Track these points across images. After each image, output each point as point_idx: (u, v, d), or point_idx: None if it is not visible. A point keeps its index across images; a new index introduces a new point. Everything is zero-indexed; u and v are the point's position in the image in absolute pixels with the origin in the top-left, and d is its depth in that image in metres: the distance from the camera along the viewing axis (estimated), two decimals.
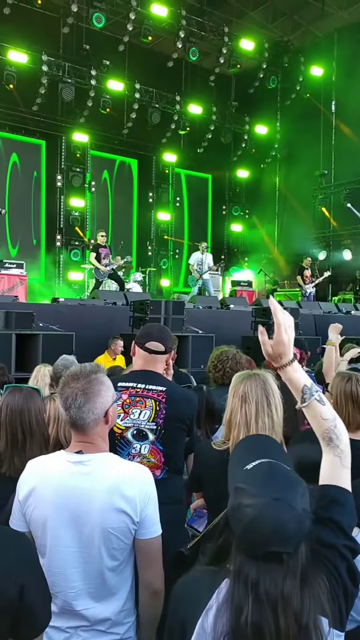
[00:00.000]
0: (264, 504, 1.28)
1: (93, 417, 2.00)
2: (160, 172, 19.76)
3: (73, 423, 2.02)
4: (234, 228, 21.34)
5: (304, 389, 1.63)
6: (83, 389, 1.99)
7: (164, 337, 2.89)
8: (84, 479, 1.98)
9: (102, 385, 2.04)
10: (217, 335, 9.14)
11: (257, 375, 2.37)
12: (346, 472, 1.58)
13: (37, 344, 7.55)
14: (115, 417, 2.12)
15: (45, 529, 1.98)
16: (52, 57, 15.40)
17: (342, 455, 1.59)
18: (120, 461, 2.10)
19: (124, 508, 1.96)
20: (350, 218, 17.84)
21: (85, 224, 17.86)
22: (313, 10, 18.12)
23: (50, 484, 2.00)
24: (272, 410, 2.28)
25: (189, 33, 16.37)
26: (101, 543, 1.96)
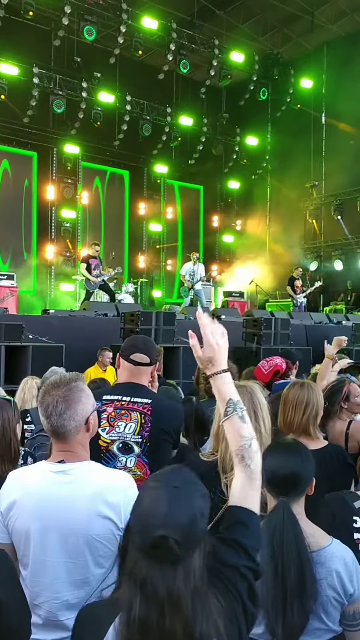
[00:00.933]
0: (164, 489, 1.28)
1: (74, 424, 2.00)
2: (151, 183, 19.83)
3: (54, 431, 2.02)
4: (225, 239, 21.41)
5: (229, 402, 1.64)
6: (64, 396, 2.00)
7: (148, 349, 2.87)
8: (67, 488, 1.98)
9: (82, 393, 2.05)
10: None
11: (245, 388, 2.36)
12: (255, 494, 1.57)
13: (26, 356, 7.51)
14: (96, 425, 2.12)
15: (29, 539, 1.97)
16: (43, 70, 15.46)
17: (252, 476, 1.58)
18: (102, 469, 2.11)
19: (108, 514, 1.95)
20: (341, 229, 17.97)
21: (76, 235, 17.87)
22: (303, 23, 18.32)
23: (33, 495, 1.99)
24: (260, 422, 2.26)
25: (179, 46, 16.48)
26: (86, 551, 1.95)
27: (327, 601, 1.94)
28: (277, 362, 4.35)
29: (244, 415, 1.63)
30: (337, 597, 1.95)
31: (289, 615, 1.87)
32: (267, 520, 1.97)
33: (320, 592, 1.93)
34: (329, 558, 1.98)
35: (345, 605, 1.96)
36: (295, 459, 2.07)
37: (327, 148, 18.69)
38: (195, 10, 17.37)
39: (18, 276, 12.89)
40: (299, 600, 1.89)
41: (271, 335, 9.89)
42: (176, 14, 16.97)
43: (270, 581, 1.89)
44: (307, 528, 2.03)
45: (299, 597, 1.89)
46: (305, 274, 15.84)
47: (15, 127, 16.15)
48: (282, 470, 2.03)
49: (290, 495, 2.02)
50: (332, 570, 1.96)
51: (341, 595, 1.95)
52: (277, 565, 1.90)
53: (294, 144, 18.59)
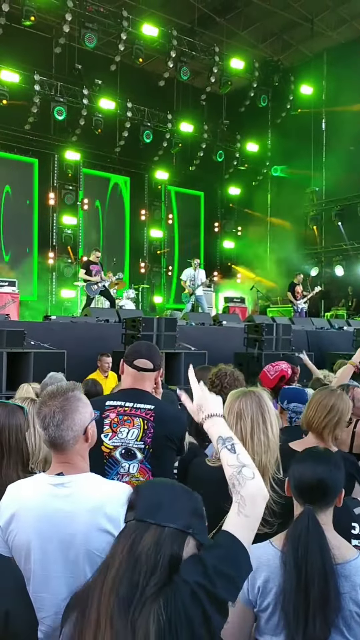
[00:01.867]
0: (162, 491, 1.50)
1: (72, 435, 1.98)
2: (152, 189, 19.88)
3: (52, 442, 1.99)
4: (226, 245, 21.44)
5: (218, 439, 1.73)
6: (61, 406, 1.97)
7: (152, 355, 2.87)
8: (66, 501, 1.95)
9: (80, 402, 2.02)
10: (209, 352, 9.10)
11: (253, 393, 2.37)
12: (243, 520, 1.55)
13: (28, 362, 7.50)
14: (95, 435, 2.09)
15: (29, 554, 1.94)
16: (44, 77, 15.53)
17: (242, 502, 1.57)
18: (102, 481, 2.07)
19: (108, 528, 1.92)
20: (341, 234, 17.99)
21: (78, 242, 17.90)
22: (303, 30, 18.39)
23: (32, 509, 1.96)
24: (268, 427, 2.26)
25: (180, 53, 16.56)
26: (86, 566, 1.92)
27: (349, 616, 1.89)
28: (283, 368, 4.34)
29: (234, 448, 1.69)
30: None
31: (311, 628, 1.83)
32: (291, 527, 1.95)
33: (344, 606, 1.88)
34: (353, 572, 1.93)
35: None
36: (325, 468, 2.03)
37: (327, 154, 18.73)
38: (196, 17, 17.45)
39: (19, 283, 12.91)
40: (321, 613, 1.84)
41: (273, 341, 9.89)
42: (176, 22, 17.05)
43: (292, 590, 1.87)
44: (333, 540, 1.98)
45: (322, 609, 1.84)
46: (306, 279, 15.84)
47: (17, 134, 16.21)
48: (310, 478, 2.00)
49: (316, 504, 1.98)
50: (357, 584, 1.91)
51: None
52: (300, 575, 1.87)
53: (294, 150, 18.66)
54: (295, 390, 3.87)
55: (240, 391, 2.41)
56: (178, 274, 17.36)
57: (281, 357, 4.92)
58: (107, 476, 2.67)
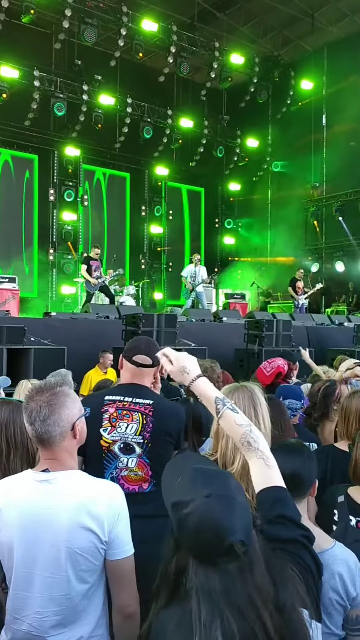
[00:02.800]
0: (201, 503, 1.27)
1: (59, 430, 1.93)
2: (152, 185, 19.86)
3: (39, 438, 1.95)
4: (226, 241, 21.43)
5: (216, 400, 1.71)
6: (47, 401, 1.93)
7: (151, 351, 2.87)
8: (49, 498, 1.91)
9: (68, 397, 1.98)
10: (209, 348, 9.11)
11: (245, 387, 2.37)
12: (274, 471, 1.63)
13: (28, 359, 7.52)
14: (84, 432, 2.03)
15: (12, 552, 1.90)
16: (44, 73, 15.48)
17: (264, 456, 1.64)
18: (88, 478, 2.01)
19: (90, 526, 1.88)
20: (342, 230, 17.96)
21: (78, 238, 17.89)
22: (303, 25, 18.32)
23: (16, 505, 1.93)
24: (260, 421, 2.26)
25: (180, 48, 16.51)
26: (68, 565, 1.87)
27: (329, 604, 1.92)
28: (280, 364, 4.33)
29: (234, 407, 1.71)
30: (340, 601, 1.93)
31: None
32: None
33: (323, 594, 1.90)
34: (331, 561, 1.96)
35: (348, 609, 1.95)
36: (297, 460, 2.05)
37: (327, 149, 18.69)
38: (196, 12, 17.39)
39: (19, 279, 12.90)
40: None
41: (273, 337, 9.89)
42: (176, 17, 17.00)
43: None
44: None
45: None
46: (306, 275, 15.83)
47: (17, 130, 16.19)
48: (284, 471, 2.01)
49: (292, 496, 2.01)
50: (335, 573, 1.94)
51: (344, 599, 1.93)
52: None
53: (295, 145, 18.63)
54: (291, 387, 3.90)
55: (232, 386, 2.42)
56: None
57: (281, 354, 4.91)
58: (106, 470, 2.68)
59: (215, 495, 1.28)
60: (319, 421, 3.91)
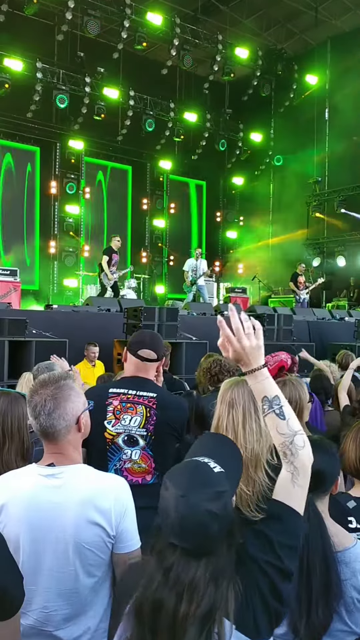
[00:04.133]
0: (172, 497, 1.32)
1: (64, 424, 1.92)
2: (154, 179, 19.83)
3: (44, 432, 1.93)
4: (228, 235, 21.41)
5: (263, 399, 1.61)
6: (52, 394, 1.92)
7: (156, 345, 2.89)
8: (56, 493, 1.90)
9: (72, 391, 1.97)
10: (210, 342, 9.12)
11: (245, 381, 2.36)
12: (298, 491, 1.54)
13: (30, 351, 7.53)
14: (88, 425, 2.03)
15: (18, 547, 1.88)
16: (46, 65, 15.43)
17: (295, 472, 1.55)
18: (94, 472, 2.01)
19: (98, 521, 1.88)
20: (344, 225, 17.93)
21: (79, 231, 17.87)
22: (307, 18, 18.24)
23: (22, 500, 1.91)
24: (260, 415, 2.26)
25: (183, 41, 16.45)
26: (76, 559, 1.87)
27: (351, 602, 1.91)
28: (283, 358, 4.33)
29: (283, 411, 1.58)
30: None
31: (314, 615, 1.85)
32: None
33: (345, 592, 1.91)
34: (353, 559, 1.95)
35: None
36: (321, 456, 2.01)
37: (330, 144, 18.65)
38: (199, 5, 17.33)
39: (21, 271, 12.90)
40: (323, 600, 1.86)
41: (274, 331, 9.90)
42: (180, 9, 16.93)
43: (295, 578, 1.88)
44: (332, 527, 2.00)
45: (324, 596, 1.86)
46: (308, 270, 15.83)
47: (19, 122, 16.15)
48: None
49: (314, 493, 1.98)
50: (357, 571, 1.93)
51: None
52: (302, 563, 1.87)
53: (297, 139, 18.58)
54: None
55: (233, 380, 2.40)
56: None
57: (280, 348, 4.92)
58: (109, 462, 2.71)
59: (186, 498, 1.30)
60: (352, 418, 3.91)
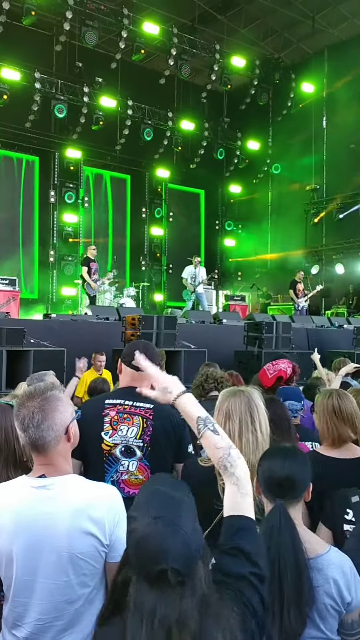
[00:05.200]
0: (146, 524, 1.31)
1: (53, 435, 1.91)
2: (153, 187, 19.89)
3: (33, 444, 1.92)
4: (227, 243, 21.44)
5: (197, 420, 1.67)
6: (39, 406, 1.91)
7: (149, 354, 2.86)
8: (48, 504, 1.89)
9: (59, 401, 1.96)
10: (209, 350, 9.11)
11: (242, 392, 2.36)
12: (247, 500, 1.58)
13: (28, 361, 7.51)
14: (77, 435, 2.02)
15: (11, 559, 1.87)
16: (44, 75, 15.52)
17: (239, 483, 1.59)
18: (86, 482, 2.01)
19: (92, 530, 1.88)
20: (342, 232, 17.96)
21: (78, 240, 17.89)
22: (304, 27, 18.35)
23: (13, 512, 1.90)
24: (256, 427, 2.25)
25: (180, 50, 16.54)
26: (70, 570, 1.87)
27: (324, 609, 1.92)
28: (282, 368, 4.33)
29: (216, 428, 1.66)
30: (335, 606, 1.93)
31: (286, 621, 1.85)
32: (263, 522, 1.95)
33: (317, 599, 1.91)
34: (326, 565, 1.96)
35: (343, 614, 1.94)
36: (292, 463, 2.05)
37: (328, 152, 18.71)
38: (196, 15, 17.43)
39: (19, 281, 12.92)
40: (295, 606, 1.86)
41: (273, 339, 9.88)
42: (177, 19, 17.03)
43: (267, 585, 1.90)
44: (304, 534, 2.01)
45: (296, 602, 1.86)
46: (307, 277, 15.83)
47: (18, 132, 16.22)
48: (278, 474, 2.02)
49: (286, 499, 2.00)
50: (329, 577, 1.93)
51: (339, 604, 1.93)
52: (274, 569, 1.87)
53: (295, 147, 18.65)
54: (292, 389, 3.92)
55: (230, 391, 2.40)
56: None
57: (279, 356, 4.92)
58: (106, 474, 2.69)
59: (162, 519, 1.31)
60: None
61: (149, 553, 1.29)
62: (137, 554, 1.31)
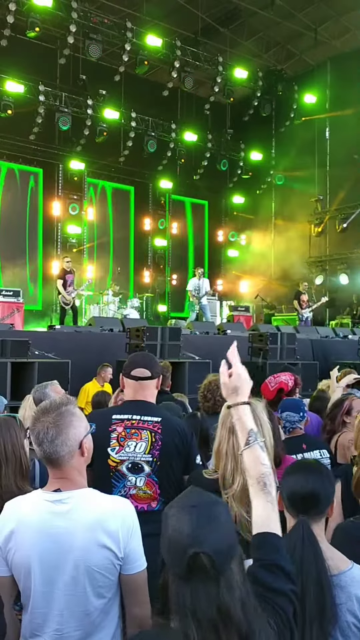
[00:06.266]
0: (182, 510, 1.34)
1: (67, 450, 1.95)
2: (156, 199, 19.94)
3: (47, 458, 1.96)
4: (231, 253, 21.45)
5: (250, 432, 1.73)
6: (54, 421, 1.95)
7: (149, 363, 2.87)
8: (64, 518, 1.93)
9: (74, 417, 1.99)
10: (213, 361, 9.07)
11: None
12: (276, 517, 1.64)
13: (32, 372, 7.50)
14: (91, 449, 2.05)
15: (29, 572, 1.92)
16: (49, 87, 15.62)
17: (274, 502, 1.66)
18: (100, 496, 2.03)
19: (107, 544, 1.91)
20: (346, 243, 17.98)
21: (82, 251, 17.93)
22: (306, 39, 18.47)
23: (30, 526, 1.94)
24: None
25: (183, 63, 16.63)
26: (86, 582, 1.90)
27: (346, 627, 1.88)
28: (282, 380, 4.32)
29: (264, 445, 1.73)
30: (357, 624, 1.89)
31: (307, 638, 1.83)
32: (286, 538, 1.93)
33: (340, 617, 1.88)
34: (349, 583, 1.92)
35: None
36: (316, 479, 2.03)
37: (331, 162, 18.76)
38: (199, 27, 17.56)
39: (24, 292, 12.92)
40: (318, 623, 1.84)
41: (277, 350, 9.86)
42: (180, 32, 17.16)
43: None
44: (327, 551, 1.98)
45: (319, 619, 1.84)
46: (311, 287, 15.82)
47: (22, 144, 16.29)
48: (302, 489, 2.00)
49: (309, 515, 1.98)
50: (352, 595, 1.90)
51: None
52: (296, 586, 1.86)
53: (298, 158, 18.70)
54: (293, 400, 3.93)
55: None
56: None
57: (283, 367, 4.90)
58: (114, 489, 2.67)
59: (198, 507, 1.34)
60: (331, 434, 3.91)
61: (182, 537, 1.30)
62: (170, 540, 1.32)
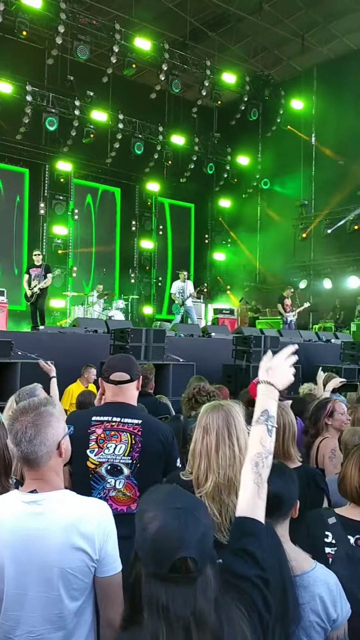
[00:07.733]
0: (167, 512, 1.31)
1: (45, 450, 1.94)
2: (143, 201, 19.97)
3: (25, 458, 1.95)
4: (216, 257, 21.52)
5: (264, 411, 1.72)
6: (33, 421, 1.94)
7: (128, 366, 2.86)
8: (39, 519, 1.91)
9: (52, 417, 1.98)
10: (198, 364, 9.11)
11: (221, 406, 2.34)
12: (261, 503, 1.62)
13: (15, 373, 7.47)
14: (69, 450, 2.04)
15: (2, 574, 1.89)
16: (36, 88, 15.58)
17: (261, 485, 1.63)
18: (76, 497, 2.02)
19: (82, 546, 1.90)
20: (330, 248, 18.11)
21: (68, 252, 17.90)
22: (293, 45, 18.59)
23: (4, 527, 1.92)
24: (233, 441, 2.23)
25: (171, 66, 16.67)
26: (60, 585, 1.89)
27: (310, 626, 1.92)
28: None
29: (273, 431, 1.70)
30: (320, 623, 1.92)
31: (270, 638, 1.83)
32: None
33: (303, 616, 1.91)
34: (312, 583, 1.96)
35: (328, 631, 1.94)
36: (278, 481, 2.03)
37: (316, 167, 18.91)
38: (188, 31, 17.61)
39: (8, 292, 12.87)
40: (281, 624, 1.84)
41: (261, 353, 9.89)
42: (169, 35, 17.20)
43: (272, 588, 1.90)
44: (291, 552, 2.00)
45: (282, 620, 1.85)
46: (295, 292, 15.92)
47: (8, 144, 16.24)
48: (273, 490, 2.02)
49: (273, 517, 1.99)
50: (316, 595, 1.93)
51: (324, 621, 1.93)
52: None
53: (284, 163, 18.83)
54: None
55: (210, 406, 2.39)
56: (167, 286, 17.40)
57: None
58: (93, 491, 2.67)
59: (184, 509, 1.32)
60: (314, 437, 3.95)
61: (170, 541, 1.28)
62: (155, 544, 1.29)
